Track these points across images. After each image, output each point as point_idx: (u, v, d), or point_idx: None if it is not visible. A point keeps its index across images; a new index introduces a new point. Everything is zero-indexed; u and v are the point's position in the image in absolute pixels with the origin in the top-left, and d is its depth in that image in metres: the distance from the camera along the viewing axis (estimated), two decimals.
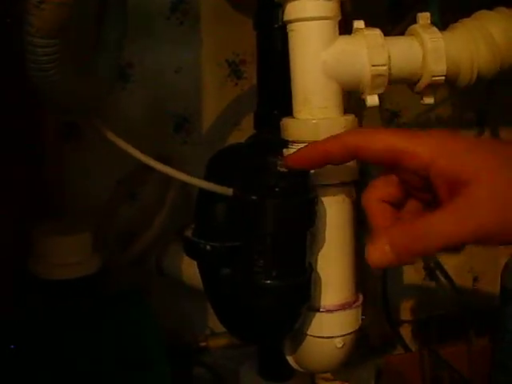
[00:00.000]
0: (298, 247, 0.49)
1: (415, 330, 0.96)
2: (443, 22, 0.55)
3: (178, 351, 0.84)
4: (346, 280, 0.53)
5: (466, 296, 0.92)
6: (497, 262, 0.92)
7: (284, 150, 0.51)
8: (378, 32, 0.50)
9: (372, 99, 0.50)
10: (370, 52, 0.49)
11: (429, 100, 0.53)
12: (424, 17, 0.52)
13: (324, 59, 0.49)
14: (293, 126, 0.51)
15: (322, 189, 0.50)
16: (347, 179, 0.51)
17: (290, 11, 0.49)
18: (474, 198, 0.35)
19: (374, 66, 0.49)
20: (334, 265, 0.52)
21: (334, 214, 0.51)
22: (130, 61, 0.81)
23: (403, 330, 0.97)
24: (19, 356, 0.58)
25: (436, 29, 0.51)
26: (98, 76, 0.62)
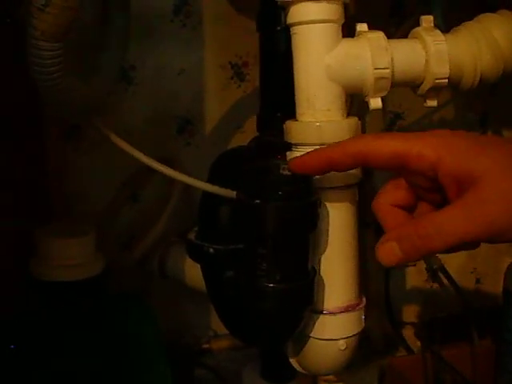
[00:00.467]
0: (300, 250, 0.49)
1: (418, 332, 0.96)
2: (446, 25, 0.55)
3: (180, 353, 0.84)
4: (349, 282, 0.53)
5: (468, 297, 0.92)
6: (500, 263, 0.92)
7: (287, 153, 0.51)
8: (381, 35, 0.50)
9: (375, 102, 0.50)
10: (374, 55, 0.49)
11: (432, 103, 0.53)
12: (427, 20, 0.52)
13: (327, 62, 0.49)
14: (296, 129, 0.51)
15: (325, 191, 0.50)
16: (350, 181, 0.51)
17: (294, 14, 0.49)
18: (484, 193, 0.35)
19: (377, 69, 0.49)
20: (337, 267, 0.52)
21: (337, 216, 0.51)
22: (133, 63, 0.81)
23: (406, 332, 0.97)
24: (19, 356, 0.58)
25: (439, 32, 0.51)
26: (101, 77, 0.62)
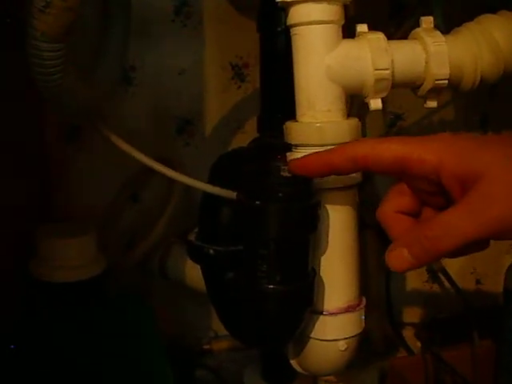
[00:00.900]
0: (301, 251, 0.49)
1: (418, 333, 0.96)
2: (446, 26, 0.55)
3: (181, 354, 0.84)
4: (349, 283, 0.53)
5: (469, 298, 0.92)
6: (500, 264, 0.92)
7: (287, 154, 0.51)
8: (381, 36, 0.50)
9: (375, 103, 0.50)
10: (374, 56, 0.49)
11: (432, 104, 0.53)
12: (427, 20, 0.52)
13: (328, 63, 0.49)
14: (296, 130, 0.51)
15: (325, 192, 0.50)
16: (350, 182, 0.51)
17: (294, 15, 0.49)
18: (488, 191, 0.34)
19: (377, 69, 0.49)
20: (338, 268, 0.52)
21: (338, 217, 0.51)
22: (133, 63, 0.81)
23: (406, 333, 0.97)
24: (19, 356, 0.59)
25: (439, 33, 0.51)
26: (101, 78, 0.62)
